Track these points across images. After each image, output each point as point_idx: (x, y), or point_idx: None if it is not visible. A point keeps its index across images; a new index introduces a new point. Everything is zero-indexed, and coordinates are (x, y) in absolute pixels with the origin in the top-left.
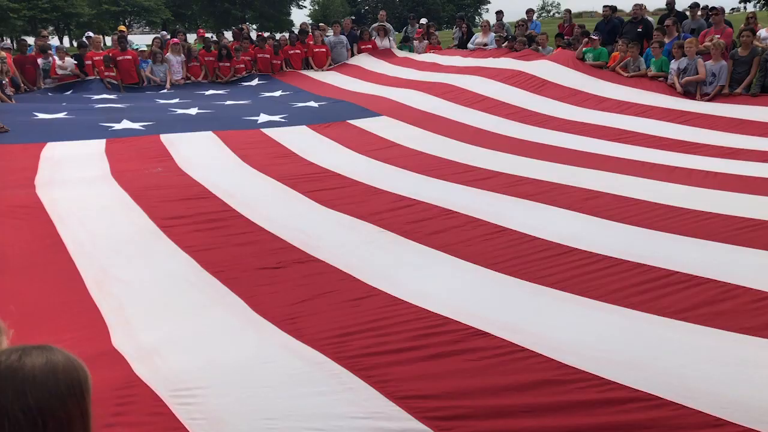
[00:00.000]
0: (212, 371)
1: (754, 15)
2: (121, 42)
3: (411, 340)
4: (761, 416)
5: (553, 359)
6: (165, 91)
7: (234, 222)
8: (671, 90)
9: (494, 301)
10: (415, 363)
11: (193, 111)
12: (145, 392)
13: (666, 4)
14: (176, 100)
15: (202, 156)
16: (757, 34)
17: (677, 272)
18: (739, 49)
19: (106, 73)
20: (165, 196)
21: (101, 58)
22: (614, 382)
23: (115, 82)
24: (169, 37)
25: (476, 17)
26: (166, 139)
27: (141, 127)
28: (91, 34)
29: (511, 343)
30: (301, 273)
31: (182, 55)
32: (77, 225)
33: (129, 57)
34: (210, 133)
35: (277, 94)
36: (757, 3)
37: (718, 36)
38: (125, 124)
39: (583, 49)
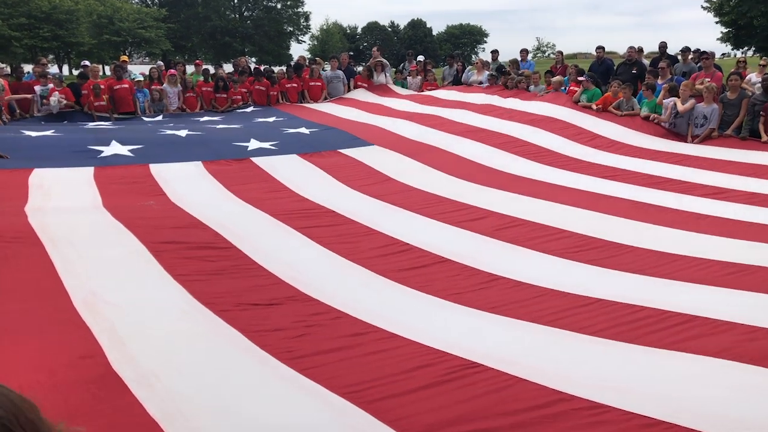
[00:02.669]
0: (209, 396)
1: (745, 60)
2: (117, 71)
3: (406, 372)
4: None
5: (546, 387)
6: (159, 118)
7: (226, 253)
8: (663, 131)
9: (489, 337)
10: (410, 393)
11: (183, 133)
12: (141, 412)
13: (658, 48)
14: (168, 123)
15: (194, 190)
16: (746, 78)
17: (669, 311)
18: (728, 93)
19: (96, 104)
20: (157, 225)
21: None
22: (607, 405)
23: (105, 114)
24: (164, 67)
25: (473, 56)
26: (155, 170)
27: (130, 153)
28: (87, 63)
29: (505, 373)
30: (296, 310)
31: (179, 86)
32: (67, 247)
33: (126, 86)
34: (200, 165)
35: (271, 119)
36: (748, 49)
37: (708, 79)
38: (114, 147)
39: (580, 92)
